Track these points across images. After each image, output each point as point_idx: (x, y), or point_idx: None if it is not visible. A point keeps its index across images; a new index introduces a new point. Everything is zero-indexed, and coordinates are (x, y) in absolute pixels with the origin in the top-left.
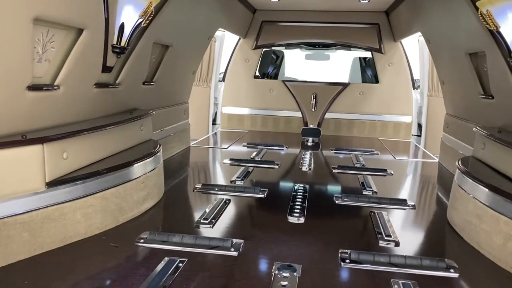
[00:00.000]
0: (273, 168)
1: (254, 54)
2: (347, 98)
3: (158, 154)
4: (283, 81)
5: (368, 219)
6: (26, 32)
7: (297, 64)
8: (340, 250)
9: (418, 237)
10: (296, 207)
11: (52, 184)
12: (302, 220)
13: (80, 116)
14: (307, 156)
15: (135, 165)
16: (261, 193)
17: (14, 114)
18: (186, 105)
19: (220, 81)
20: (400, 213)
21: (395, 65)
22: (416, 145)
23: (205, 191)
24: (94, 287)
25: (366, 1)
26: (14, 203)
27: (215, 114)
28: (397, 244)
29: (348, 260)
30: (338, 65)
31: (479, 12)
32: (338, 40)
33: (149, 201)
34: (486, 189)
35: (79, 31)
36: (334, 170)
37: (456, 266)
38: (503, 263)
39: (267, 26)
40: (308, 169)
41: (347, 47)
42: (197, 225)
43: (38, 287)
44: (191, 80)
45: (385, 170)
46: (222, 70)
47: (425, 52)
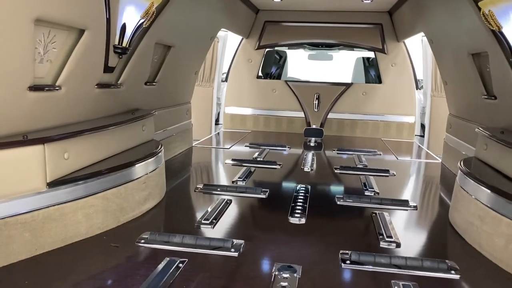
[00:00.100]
0: (275, 168)
1: (257, 54)
2: (350, 99)
3: (159, 154)
4: (286, 81)
5: (370, 220)
6: (27, 33)
7: (300, 64)
8: (341, 251)
9: (419, 238)
10: (298, 207)
11: (53, 184)
12: (303, 220)
13: (81, 117)
14: (310, 156)
15: (137, 165)
16: (262, 193)
17: (15, 115)
18: (188, 105)
19: (223, 81)
20: (402, 214)
21: (398, 65)
22: (419, 146)
23: (207, 191)
24: (94, 287)
25: (369, 1)
26: (15, 203)
27: (218, 114)
28: (398, 245)
29: (348, 261)
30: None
31: (482, 12)
32: (341, 40)
33: (150, 201)
34: (488, 190)
35: (81, 32)
36: (336, 171)
37: (457, 267)
38: (504, 265)
39: (270, 26)
40: (310, 169)
41: (350, 47)
42: (198, 225)
43: (39, 287)
44: (194, 80)
45: (388, 170)
46: (225, 70)
47: (428, 52)
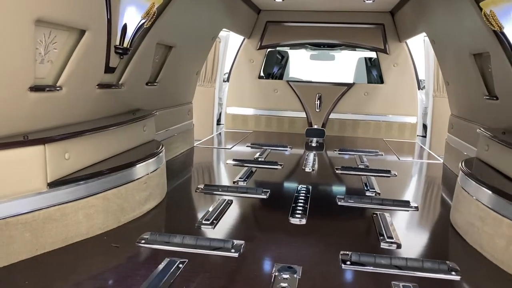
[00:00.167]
0: (276, 168)
1: (259, 55)
2: (352, 99)
3: (160, 154)
4: (288, 81)
5: (371, 220)
6: (27, 34)
7: (302, 64)
8: (341, 252)
9: (420, 239)
10: (298, 208)
11: (53, 185)
12: (304, 221)
13: (82, 117)
14: (311, 156)
15: (137, 166)
16: (263, 194)
17: (16, 115)
18: (190, 105)
19: (225, 81)
20: (403, 214)
21: (400, 65)
22: (421, 146)
23: (208, 192)
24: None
25: (371, 1)
26: (16, 203)
27: (220, 114)
28: (399, 246)
29: (349, 262)
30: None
31: (483, 12)
32: (343, 41)
33: (151, 202)
34: (489, 191)
35: (82, 32)
36: (337, 171)
37: (458, 268)
38: (505, 266)
39: (271, 27)
40: (311, 170)
41: (352, 47)
42: (198, 225)
43: (39, 287)
44: (195, 80)
45: (389, 171)
46: (227, 70)
47: (430, 52)
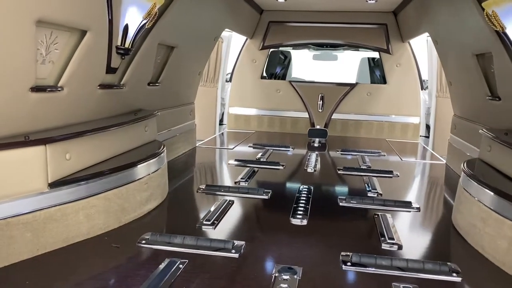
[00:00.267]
0: (278, 169)
1: (261, 55)
2: (355, 99)
3: (162, 155)
4: (290, 81)
5: (372, 221)
6: (28, 34)
7: (304, 64)
8: (342, 253)
9: (421, 240)
10: (300, 208)
11: (54, 185)
12: (305, 222)
13: (84, 117)
14: (313, 157)
15: (138, 166)
16: (265, 194)
17: (17, 115)
18: (192, 105)
19: (227, 82)
20: (404, 215)
21: (403, 65)
22: (424, 147)
23: (209, 192)
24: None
25: (374, 1)
26: (17, 204)
27: (222, 114)
28: (400, 247)
29: (349, 263)
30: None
31: (485, 13)
32: (345, 41)
33: (152, 202)
34: (491, 193)
35: (83, 33)
36: (339, 172)
37: (459, 270)
38: (507, 268)
39: (274, 27)
40: (313, 170)
41: (355, 47)
42: (199, 226)
43: (39, 287)
44: (197, 80)
45: (391, 171)
46: (229, 70)
47: (433, 52)
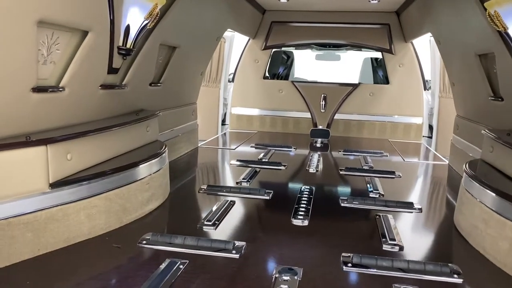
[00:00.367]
0: (280, 169)
1: (264, 55)
2: (357, 99)
3: (163, 155)
4: (293, 81)
5: (373, 222)
6: (30, 35)
7: (307, 64)
8: (343, 254)
9: (423, 241)
10: (301, 209)
11: (55, 185)
12: (306, 222)
13: (85, 118)
14: (315, 157)
15: (140, 166)
16: (266, 194)
17: (18, 116)
18: (194, 105)
19: (230, 82)
20: (406, 216)
21: (406, 65)
22: (426, 147)
23: (211, 192)
24: None
25: (376, 1)
26: (18, 204)
27: (224, 114)
28: (401, 248)
29: (350, 264)
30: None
31: (487, 13)
32: (348, 41)
33: (153, 202)
34: (493, 194)
35: (84, 33)
36: (341, 172)
37: (460, 271)
38: (508, 269)
39: (276, 27)
40: (315, 170)
41: (357, 47)
42: (200, 226)
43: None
44: (199, 81)
45: (393, 172)
46: (232, 70)
47: (436, 52)
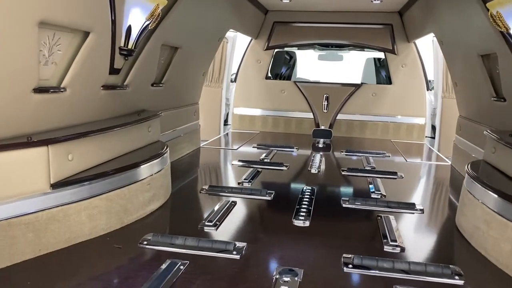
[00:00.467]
0: (282, 170)
1: (266, 55)
2: (360, 99)
3: (165, 155)
4: (295, 82)
5: (375, 223)
6: (31, 36)
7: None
8: (344, 255)
9: (424, 243)
10: (302, 210)
11: (56, 186)
12: (307, 223)
13: (87, 118)
14: (317, 158)
15: (141, 167)
16: (267, 195)
17: (20, 116)
18: (196, 106)
19: (232, 82)
20: (408, 217)
21: (409, 66)
22: (429, 148)
23: (212, 193)
24: None
25: (379, 2)
26: (19, 204)
27: (227, 114)
28: (403, 249)
29: (351, 265)
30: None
31: (490, 13)
32: (350, 41)
33: (154, 203)
34: (495, 195)
35: (86, 34)
36: (343, 173)
37: (461, 273)
38: (510, 271)
39: (279, 27)
40: (317, 171)
41: (360, 47)
42: (201, 227)
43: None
44: (201, 81)
45: (395, 173)
46: (234, 70)
47: (439, 53)
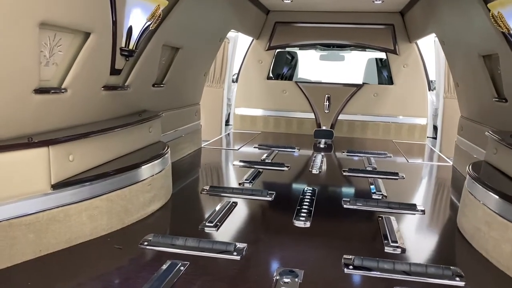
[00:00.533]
0: (283, 170)
1: (267, 55)
2: (361, 100)
3: (165, 156)
4: (296, 82)
5: (376, 224)
6: (32, 37)
7: (311, 65)
8: (344, 256)
9: (425, 244)
10: (303, 210)
11: (57, 186)
12: (308, 224)
13: (88, 119)
14: (319, 158)
15: (142, 167)
16: (268, 196)
17: (21, 117)
18: (197, 106)
19: (234, 82)
20: (409, 218)
21: (410, 66)
22: (431, 148)
23: (213, 193)
24: None
25: (380, 2)
26: (19, 205)
27: (228, 115)
28: (404, 250)
29: (351, 266)
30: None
31: (491, 14)
32: (352, 41)
33: (155, 203)
34: (496, 196)
35: (87, 35)
36: (344, 173)
37: (462, 274)
38: (511, 272)
39: (280, 27)
40: (318, 171)
41: (362, 48)
42: (202, 228)
43: None
44: (203, 81)
45: (397, 173)
46: (235, 71)
47: (441, 53)
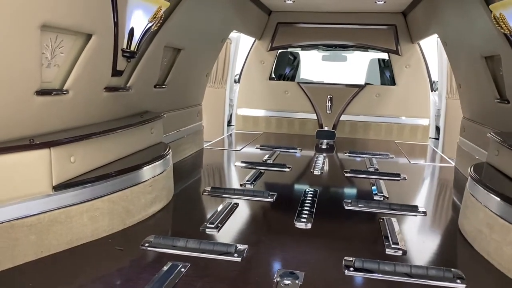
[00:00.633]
0: (284, 171)
1: (269, 56)
2: (363, 100)
3: (167, 157)
4: (298, 83)
5: (377, 225)
6: (33, 39)
7: (313, 65)
8: (345, 258)
9: (427, 245)
10: (304, 212)
11: (59, 188)
12: (309, 225)
13: (89, 120)
14: (320, 159)
15: (143, 168)
16: (270, 197)
17: (22, 119)
18: (199, 107)
19: (236, 83)
20: (410, 219)
21: (413, 67)
22: (433, 149)
23: (214, 194)
24: None
25: (383, 2)
26: (21, 206)
27: (230, 115)
28: (405, 252)
29: (352, 268)
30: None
31: (493, 15)
32: (354, 42)
33: (157, 204)
34: (498, 198)
35: (88, 36)
36: (346, 174)
37: (463, 276)
38: None
39: (282, 28)
40: (320, 172)
41: (364, 48)
42: (203, 229)
43: None
44: (205, 82)
45: (399, 174)
46: (238, 71)
47: (443, 53)
